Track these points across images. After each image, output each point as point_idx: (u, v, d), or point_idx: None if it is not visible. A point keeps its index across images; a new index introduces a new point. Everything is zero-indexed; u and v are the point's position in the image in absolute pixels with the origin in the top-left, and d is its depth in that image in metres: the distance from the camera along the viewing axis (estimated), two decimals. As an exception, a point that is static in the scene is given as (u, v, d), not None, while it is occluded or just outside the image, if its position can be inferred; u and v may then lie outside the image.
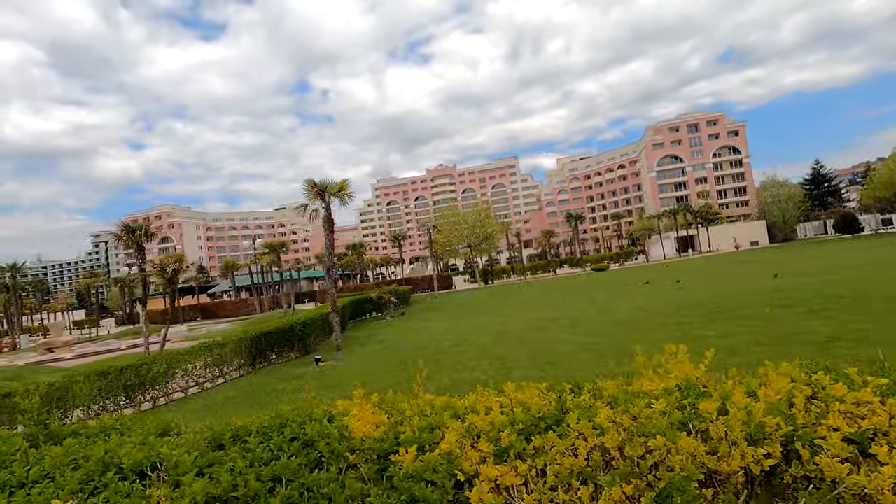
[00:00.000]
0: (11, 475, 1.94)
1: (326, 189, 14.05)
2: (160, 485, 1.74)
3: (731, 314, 14.85)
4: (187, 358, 12.89)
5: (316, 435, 1.89)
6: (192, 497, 1.59)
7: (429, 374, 11.18)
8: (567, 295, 28.83)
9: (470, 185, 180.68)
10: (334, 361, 14.32)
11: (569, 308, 21.63)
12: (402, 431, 1.84)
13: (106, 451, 1.99)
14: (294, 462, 1.74)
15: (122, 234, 21.67)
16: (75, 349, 29.06)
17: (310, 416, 2.11)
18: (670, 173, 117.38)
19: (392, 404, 2.26)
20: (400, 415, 2.04)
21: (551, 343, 13.45)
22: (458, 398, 2.33)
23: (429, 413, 2.06)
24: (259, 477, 1.68)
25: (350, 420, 1.94)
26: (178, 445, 2.00)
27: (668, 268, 38.66)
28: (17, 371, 16.84)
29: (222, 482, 1.66)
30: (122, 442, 2.18)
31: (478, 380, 9.64)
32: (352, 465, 1.75)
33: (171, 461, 1.82)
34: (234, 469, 1.73)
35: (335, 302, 14.80)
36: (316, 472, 1.69)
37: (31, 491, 1.80)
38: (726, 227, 75.50)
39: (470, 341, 15.39)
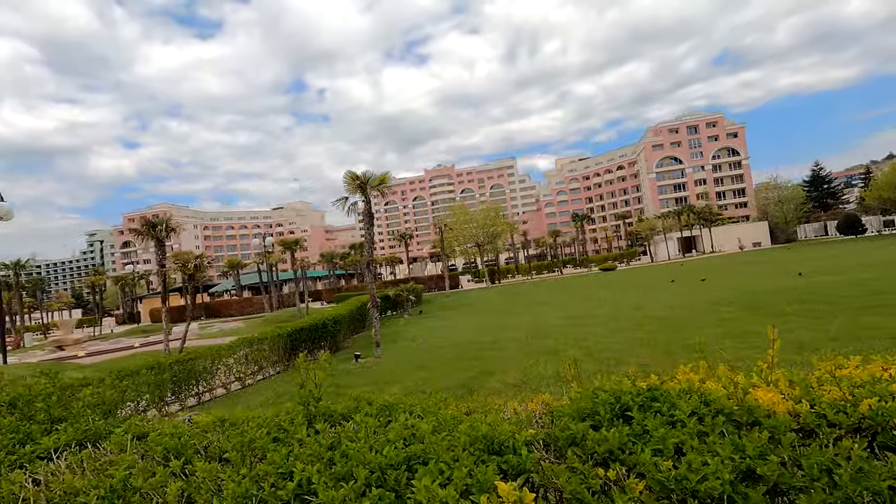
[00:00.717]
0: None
1: (368, 182, 13.77)
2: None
3: (771, 310, 14.72)
4: (229, 353, 12.56)
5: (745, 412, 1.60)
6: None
7: (490, 369, 10.94)
8: (586, 294, 28.65)
9: (468, 185, 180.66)
10: (374, 358, 14.04)
11: (597, 305, 21.44)
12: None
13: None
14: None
15: (142, 229, 21.24)
16: (88, 347, 28.57)
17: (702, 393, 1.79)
18: (669, 174, 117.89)
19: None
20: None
21: (598, 338, 13.22)
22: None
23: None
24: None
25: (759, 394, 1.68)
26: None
27: (682, 267, 38.63)
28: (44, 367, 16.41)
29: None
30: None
31: (552, 375, 9.41)
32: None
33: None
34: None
35: (375, 297, 14.51)
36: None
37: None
38: (729, 227, 75.83)
39: (509, 338, 15.14)
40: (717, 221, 79.07)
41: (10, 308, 40.47)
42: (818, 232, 76.93)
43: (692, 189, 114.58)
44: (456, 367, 11.46)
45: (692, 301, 18.87)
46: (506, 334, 16.09)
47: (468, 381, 9.94)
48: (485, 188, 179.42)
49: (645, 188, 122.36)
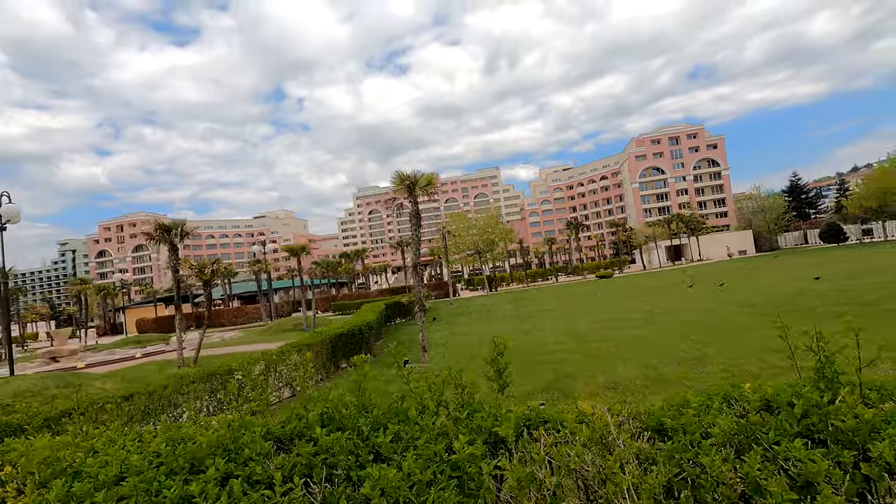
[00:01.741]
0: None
1: (417, 182, 13.47)
2: None
3: (813, 312, 14.87)
4: (280, 358, 12.01)
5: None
6: None
7: (567, 373, 10.68)
8: (601, 300, 28.66)
9: (452, 194, 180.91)
10: (422, 364, 13.63)
11: (622, 310, 21.41)
12: None
13: None
14: None
15: (156, 234, 20.40)
16: (85, 358, 27.25)
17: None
18: (652, 184, 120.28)
19: None
20: None
21: (650, 341, 13.11)
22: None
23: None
24: None
25: None
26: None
27: (686, 273, 39.14)
28: (63, 378, 15.43)
29: None
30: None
31: (637, 376, 9.19)
32: None
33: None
34: None
35: (422, 299, 14.15)
36: None
37: None
38: (715, 236, 77.51)
39: (553, 342, 14.91)
40: (701, 230, 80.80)
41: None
42: (798, 240, 79.30)
43: (674, 199, 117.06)
44: (524, 373, 11.15)
45: (722, 304, 18.99)
46: (546, 338, 15.86)
47: (550, 385, 9.66)
48: (469, 198, 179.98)
49: (629, 197, 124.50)
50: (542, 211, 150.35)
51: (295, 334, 30.49)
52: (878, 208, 53.16)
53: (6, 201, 17.98)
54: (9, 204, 17.94)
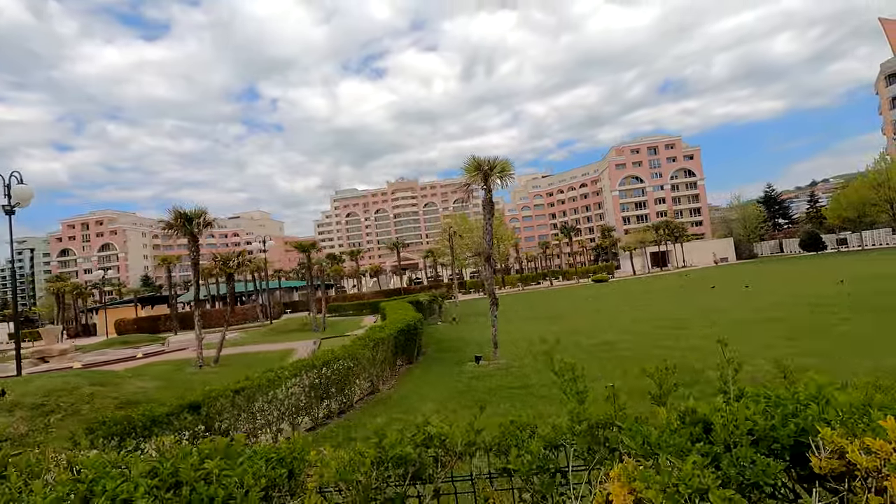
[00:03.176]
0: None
1: (494, 168, 12.77)
2: None
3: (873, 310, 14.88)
4: (363, 352, 11.03)
5: None
6: None
7: (696, 369, 10.08)
8: (617, 302, 28.48)
9: (431, 199, 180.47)
10: (494, 361, 12.89)
11: (664, 310, 21.17)
12: None
13: None
14: None
15: (175, 223, 18.99)
16: (81, 358, 25.25)
17: None
18: (631, 193, 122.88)
19: None
20: None
21: (712, 344, 12.69)
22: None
23: None
24: None
25: None
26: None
27: (689, 277, 39.61)
28: (92, 376, 13.93)
29: None
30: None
31: (766, 374, 8.68)
32: None
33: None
34: None
35: (494, 295, 13.40)
36: None
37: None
38: (698, 243, 79.47)
39: (612, 340, 14.41)
40: (681, 238, 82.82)
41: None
42: (774, 249, 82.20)
43: (652, 207, 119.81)
44: (613, 373, 10.53)
45: (770, 303, 18.97)
46: (600, 338, 15.33)
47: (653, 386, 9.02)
48: (448, 202, 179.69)
49: (608, 205, 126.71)
50: (522, 217, 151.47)
51: (303, 334, 29.18)
52: (856, 218, 55.49)
53: (16, 182, 16.37)
54: (20, 185, 16.34)
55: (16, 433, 10.38)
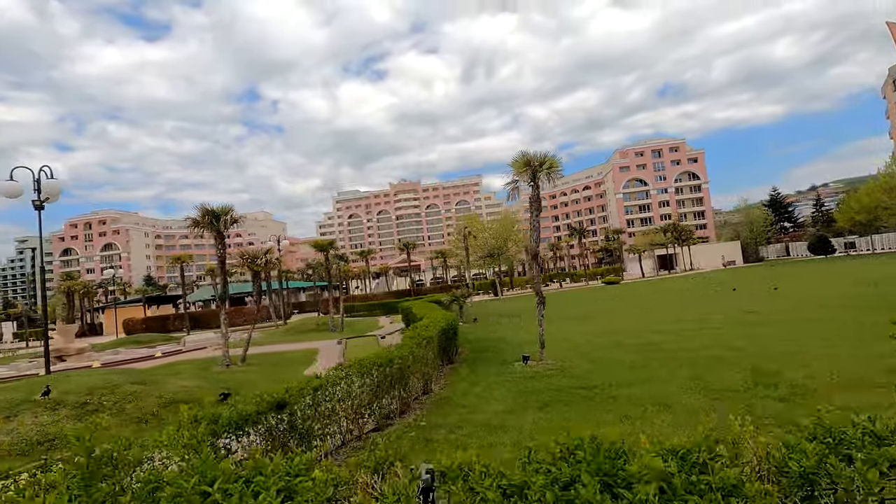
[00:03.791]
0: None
1: (544, 164, 12.52)
2: None
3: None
4: (419, 352, 10.75)
5: None
6: None
7: (762, 369, 9.80)
8: (640, 304, 28.23)
9: (434, 201, 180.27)
10: (541, 361, 12.62)
11: (685, 311, 20.92)
12: None
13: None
14: None
15: (202, 220, 18.69)
16: (101, 357, 24.93)
17: None
18: (635, 195, 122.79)
19: None
20: None
21: (780, 341, 12.46)
22: None
23: None
24: None
25: None
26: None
27: (706, 279, 39.40)
28: (131, 374, 13.63)
29: None
30: None
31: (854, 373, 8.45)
32: None
33: None
34: None
35: (541, 293, 13.14)
36: None
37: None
38: (705, 246, 79.32)
39: (654, 342, 14.13)
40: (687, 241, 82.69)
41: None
42: (780, 252, 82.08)
43: (656, 210, 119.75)
44: (680, 373, 10.26)
45: (806, 303, 18.75)
46: (643, 339, 15.06)
47: (740, 384, 8.77)
48: (450, 204, 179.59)
49: (612, 208, 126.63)
50: (524, 219, 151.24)
51: (321, 334, 28.87)
52: (866, 222, 55.40)
53: (45, 176, 16.09)
54: (50, 179, 16.07)
55: (62, 432, 10.09)
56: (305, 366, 17.62)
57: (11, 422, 10.27)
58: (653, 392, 8.52)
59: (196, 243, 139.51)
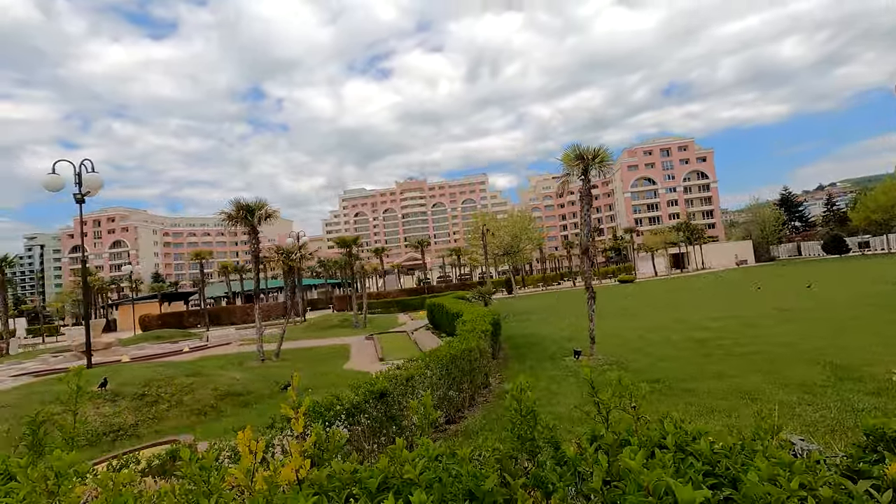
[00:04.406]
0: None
1: (595, 157, 12.44)
2: None
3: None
4: (482, 345, 10.69)
5: None
6: None
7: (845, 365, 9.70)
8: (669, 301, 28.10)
9: (440, 199, 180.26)
10: (592, 356, 12.54)
11: (721, 309, 20.80)
12: None
13: None
14: None
15: (236, 214, 18.67)
16: (129, 352, 24.98)
17: None
18: (643, 194, 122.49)
19: None
20: None
21: (816, 340, 12.32)
22: None
23: None
24: None
25: None
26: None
27: (721, 278, 39.22)
28: (180, 367, 13.63)
29: None
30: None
31: None
32: None
33: None
34: None
35: (592, 288, 13.06)
36: None
37: None
38: (717, 245, 79.01)
39: (700, 339, 14.01)
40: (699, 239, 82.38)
41: (-11, 310, 35.16)
42: (791, 252, 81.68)
43: (665, 209, 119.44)
44: (740, 367, 10.14)
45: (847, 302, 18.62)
46: (687, 335, 14.94)
47: (819, 379, 8.66)
48: (456, 203, 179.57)
49: (620, 207, 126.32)
50: (532, 218, 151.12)
51: (345, 330, 28.81)
52: (882, 221, 55.09)
53: (86, 171, 16.09)
54: (91, 173, 16.06)
55: (126, 423, 10.09)
56: (342, 361, 17.59)
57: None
58: (731, 386, 8.42)
59: (204, 241, 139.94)
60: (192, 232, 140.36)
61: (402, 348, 18.32)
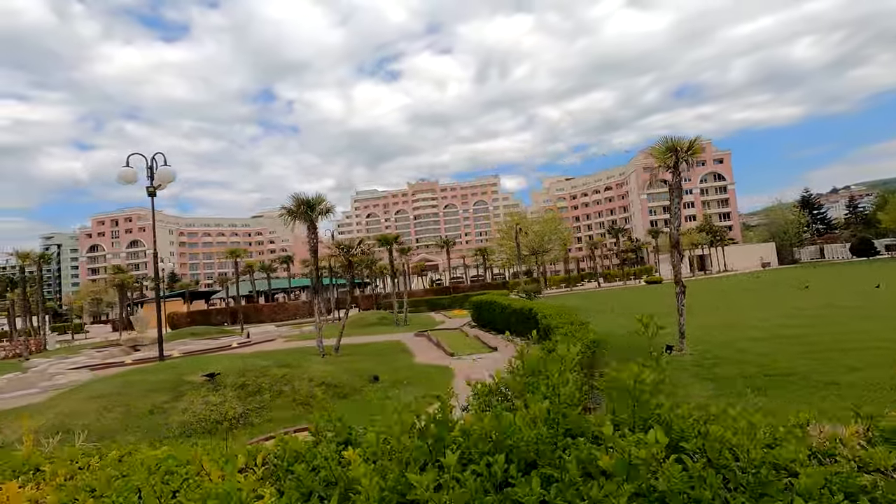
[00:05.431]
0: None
1: (689, 149, 12.28)
2: None
3: None
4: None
5: None
6: None
7: None
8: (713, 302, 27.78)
9: (452, 200, 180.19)
10: (682, 352, 12.35)
11: (778, 308, 20.50)
12: None
13: None
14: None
15: (296, 209, 18.63)
16: (175, 347, 25.05)
17: None
18: (659, 197, 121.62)
19: None
20: None
21: None
22: None
23: None
24: None
25: None
26: None
27: (760, 279, 38.80)
28: (272, 357, 13.57)
29: None
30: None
31: None
32: None
33: None
34: None
35: (682, 283, 12.88)
36: None
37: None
38: (739, 247, 78.37)
39: (780, 335, 13.75)
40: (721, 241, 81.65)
41: (26, 306, 35.48)
42: (814, 254, 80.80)
43: (681, 211, 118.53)
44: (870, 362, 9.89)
45: None
46: (773, 332, 14.68)
47: None
48: (468, 204, 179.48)
49: (635, 209, 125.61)
50: (561, 219, 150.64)
51: (386, 328, 28.76)
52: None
53: (160, 164, 16.12)
54: (164, 166, 16.10)
55: (235, 413, 10.02)
56: (406, 356, 17.49)
57: (180, 401, 10.22)
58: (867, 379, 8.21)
59: (218, 241, 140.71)
60: (206, 232, 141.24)
61: (467, 345, 18.19)
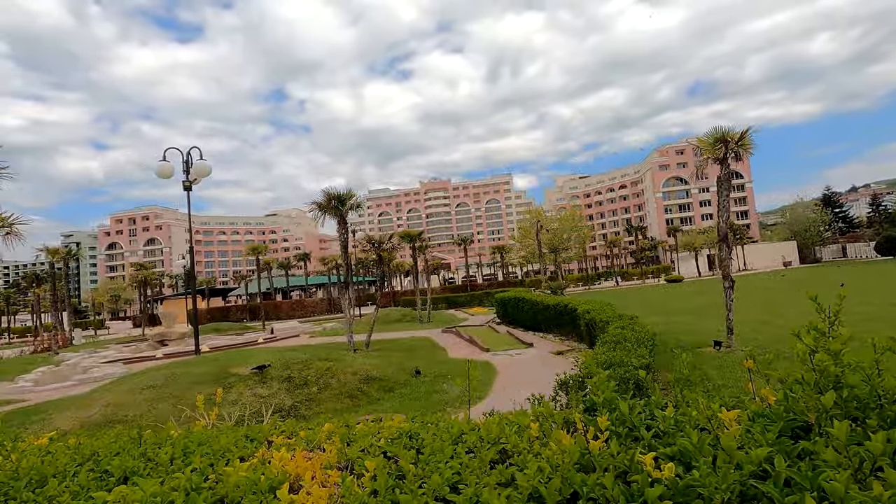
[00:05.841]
0: None
1: (739, 141, 11.97)
2: None
3: None
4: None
5: None
6: None
7: None
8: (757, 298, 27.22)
9: (464, 199, 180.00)
10: (730, 348, 12.06)
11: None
12: None
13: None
14: None
15: (327, 204, 18.55)
16: (205, 342, 25.15)
17: None
18: (675, 195, 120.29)
19: None
20: None
21: None
22: None
23: None
24: None
25: None
26: None
27: (784, 278, 38.13)
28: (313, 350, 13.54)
29: None
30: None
31: None
32: None
33: None
34: None
35: (731, 277, 12.58)
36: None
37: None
38: (759, 246, 77.26)
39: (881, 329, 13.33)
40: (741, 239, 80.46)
41: (54, 301, 35.93)
42: (836, 253, 79.31)
43: (697, 210, 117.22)
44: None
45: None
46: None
47: None
48: (480, 203, 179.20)
49: (651, 207, 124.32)
50: (581, 216, 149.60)
51: (410, 324, 28.70)
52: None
53: (196, 158, 16.15)
54: (200, 160, 16.12)
55: (284, 404, 9.96)
56: (439, 351, 17.41)
57: (229, 392, 10.17)
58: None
59: (233, 239, 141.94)
60: (221, 230, 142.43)
61: (501, 341, 18.01)
